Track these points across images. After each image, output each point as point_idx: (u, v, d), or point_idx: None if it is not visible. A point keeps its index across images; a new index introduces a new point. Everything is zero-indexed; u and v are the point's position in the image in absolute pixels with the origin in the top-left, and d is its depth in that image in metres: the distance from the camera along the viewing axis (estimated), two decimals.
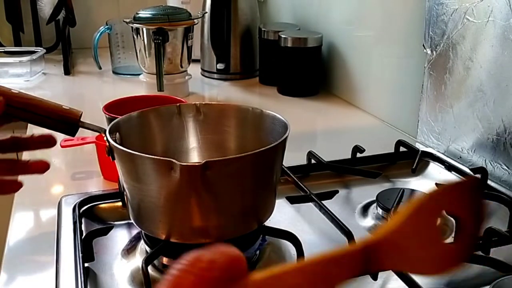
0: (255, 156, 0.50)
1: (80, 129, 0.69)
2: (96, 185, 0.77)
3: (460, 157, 0.82)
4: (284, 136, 0.53)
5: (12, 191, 0.61)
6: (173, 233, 0.52)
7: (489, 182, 0.73)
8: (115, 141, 0.53)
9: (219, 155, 0.62)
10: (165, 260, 0.55)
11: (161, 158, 0.49)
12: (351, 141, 0.82)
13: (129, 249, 0.60)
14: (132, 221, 0.56)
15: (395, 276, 0.52)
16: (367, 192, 0.73)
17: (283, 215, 0.66)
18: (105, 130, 0.55)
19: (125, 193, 0.56)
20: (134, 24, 1.18)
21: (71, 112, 0.60)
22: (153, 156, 0.49)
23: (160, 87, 1.13)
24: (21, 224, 0.67)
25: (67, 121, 0.60)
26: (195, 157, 0.65)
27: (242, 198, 0.53)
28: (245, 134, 0.63)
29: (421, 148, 0.85)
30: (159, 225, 0.53)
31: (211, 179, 0.48)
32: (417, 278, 0.50)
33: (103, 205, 0.67)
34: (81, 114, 0.61)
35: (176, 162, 0.47)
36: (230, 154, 0.62)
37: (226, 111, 0.64)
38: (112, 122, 0.58)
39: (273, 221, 0.58)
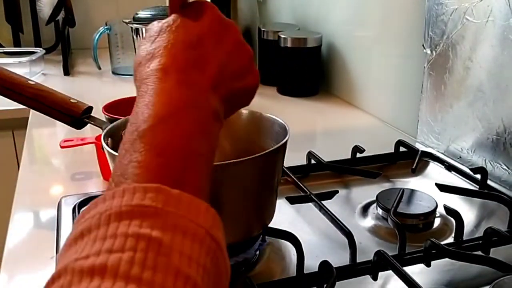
0: (254, 161, 0.50)
1: (81, 130, 0.69)
2: (95, 186, 0.77)
3: (460, 157, 0.82)
4: (285, 140, 0.53)
5: None
6: None
7: (489, 182, 0.73)
8: (107, 144, 0.52)
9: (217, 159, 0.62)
10: None
11: None
12: (351, 141, 0.82)
13: None
14: None
15: (395, 276, 0.52)
16: (367, 192, 0.73)
17: (283, 215, 0.66)
18: (106, 127, 0.55)
19: None
20: (134, 25, 1.18)
21: (75, 105, 0.61)
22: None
23: None
24: (21, 224, 0.67)
25: (70, 114, 0.61)
26: None
27: (243, 203, 0.52)
28: (244, 137, 0.63)
29: (421, 148, 0.85)
30: None
31: None
32: (418, 279, 0.50)
33: None
34: (87, 108, 0.61)
35: None
36: (228, 158, 0.62)
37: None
38: (109, 126, 0.56)
39: (273, 221, 0.58)
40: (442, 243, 0.56)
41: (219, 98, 0.38)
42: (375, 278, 0.54)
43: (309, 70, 1.21)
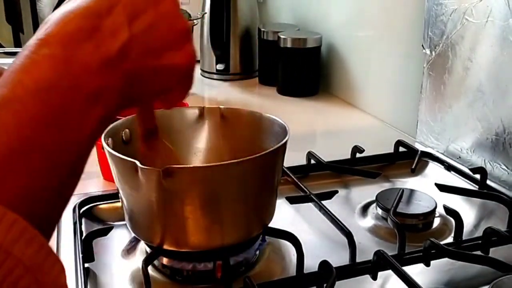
0: (254, 161, 0.50)
1: None
2: (96, 186, 0.77)
3: (460, 157, 0.82)
4: (285, 140, 0.53)
5: None
6: (166, 240, 0.52)
7: (488, 182, 0.73)
8: (107, 144, 0.52)
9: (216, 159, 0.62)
10: (165, 260, 0.55)
11: (126, 159, 0.48)
12: (351, 141, 0.82)
13: (129, 249, 0.60)
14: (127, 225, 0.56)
15: (395, 276, 0.52)
16: (367, 192, 0.73)
17: (283, 215, 0.66)
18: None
19: (119, 195, 0.55)
20: None
21: None
22: (120, 156, 0.49)
23: None
24: None
25: None
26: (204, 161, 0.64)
27: (243, 203, 0.52)
28: (244, 137, 0.63)
29: (421, 148, 0.85)
30: (148, 231, 0.53)
31: (177, 185, 0.48)
32: (417, 278, 0.50)
33: (103, 206, 0.67)
34: None
35: (138, 164, 0.47)
36: (228, 158, 0.62)
37: (232, 115, 0.64)
38: (109, 126, 0.55)
39: (273, 221, 0.58)
40: (442, 243, 0.56)
41: (118, 77, 0.33)
42: (374, 278, 0.54)
43: (309, 70, 1.21)
